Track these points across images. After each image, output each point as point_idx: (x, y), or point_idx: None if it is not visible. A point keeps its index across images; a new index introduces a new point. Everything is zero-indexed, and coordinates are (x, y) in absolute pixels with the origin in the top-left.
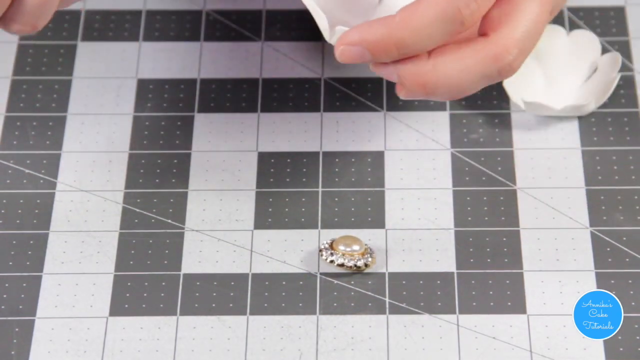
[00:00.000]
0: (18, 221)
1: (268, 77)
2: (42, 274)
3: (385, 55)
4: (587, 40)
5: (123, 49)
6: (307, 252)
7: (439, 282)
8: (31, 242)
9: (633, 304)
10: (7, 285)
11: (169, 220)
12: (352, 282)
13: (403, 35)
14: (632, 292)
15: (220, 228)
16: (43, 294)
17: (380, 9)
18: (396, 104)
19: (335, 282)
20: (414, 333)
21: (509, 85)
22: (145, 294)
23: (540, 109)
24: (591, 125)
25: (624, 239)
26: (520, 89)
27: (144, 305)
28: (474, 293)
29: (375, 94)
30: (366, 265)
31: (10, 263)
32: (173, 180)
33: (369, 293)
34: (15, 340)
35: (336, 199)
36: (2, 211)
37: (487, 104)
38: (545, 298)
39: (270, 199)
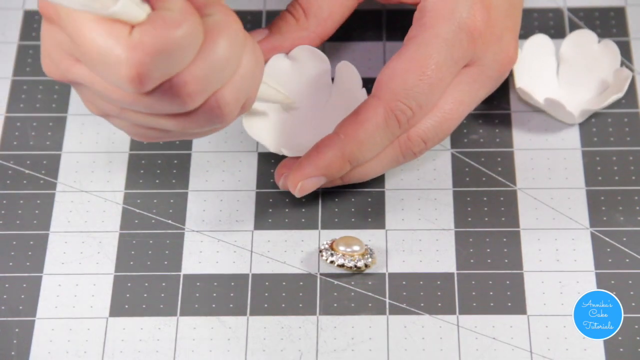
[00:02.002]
0: (18, 221)
1: None
2: (42, 274)
3: (339, 173)
4: (611, 52)
5: None
6: (307, 253)
7: (439, 282)
8: (31, 242)
9: (633, 304)
10: (7, 285)
11: (169, 221)
12: (352, 283)
13: (352, 149)
14: (632, 293)
15: (221, 228)
16: (43, 294)
17: (334, 87)
18: None
19: (336, 282)
20: (414, 334)
21: (521, 78)
22: (145, 295)
23: (557, 109)
24: (591, 125)
25: (624, 239)
26: (534, 86)
27: (144, 306)
28: (474, 293)
29: None
30: (366, 265)
31: (11, 263)
32: (173, 181)
33: (369, 293)
34: (15, 341)
35: (336, 199)
36: (2, 211)
37: (487, 104)
38: (545, 298)
39: (270, 200)
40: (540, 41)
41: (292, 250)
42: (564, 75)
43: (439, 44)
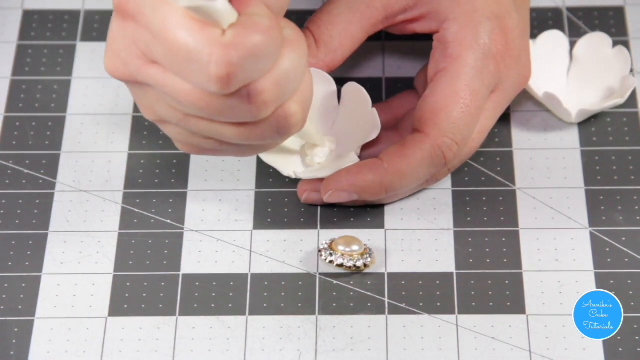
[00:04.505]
0: (17, 221)
1: None
2: (41, 274)
3: (373, 197)
4: (623, 59)
5: None
6: (307, 253)
7: (438, 282)
8: (30, 242)
9: (632, 304)
10: (6, 285)
11: (168, 221)
12: (352, 283)
13: (392, 180)
14: (631, 292)
15: (220, 228)
16: (42, 294)
17: (340, 110)
18: None
19: (335, 282)
20: (413, 333)
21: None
22: (144, 294)
23: (555, 105)
24: (590, 125)
25: (623, 239)
26: (541, 80)
27: (143, 306)
28: (473, 293)
29: (374, 99)
30: (365, 265)
31: (10, 263)
32: (172, 181)
33: (368, 293)
34: (14, 341)
35: None
36: (2, 211)
37: None
38: (544, 298)
39: (269, 199)
40: (555, 36)
41: (291, 250)
42: (574, 75)
43: (470, 73)
